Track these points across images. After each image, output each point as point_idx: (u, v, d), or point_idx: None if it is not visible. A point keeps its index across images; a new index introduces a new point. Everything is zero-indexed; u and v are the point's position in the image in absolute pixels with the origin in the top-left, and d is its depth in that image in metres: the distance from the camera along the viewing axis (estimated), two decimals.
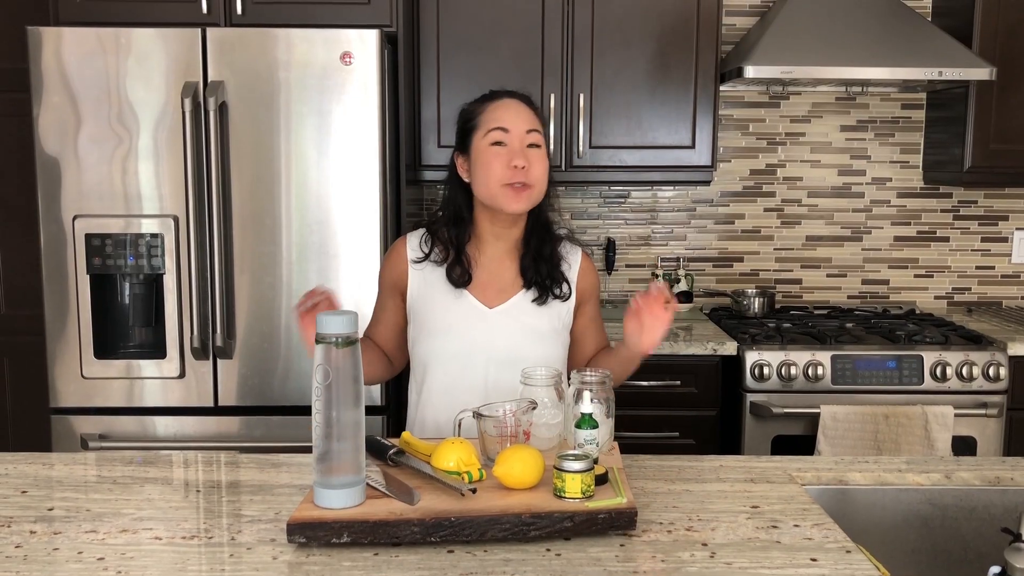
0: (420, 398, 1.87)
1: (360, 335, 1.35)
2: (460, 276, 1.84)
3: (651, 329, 1.69)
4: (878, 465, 1.67)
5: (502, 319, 1.83)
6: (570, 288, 1.88)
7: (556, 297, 1.86)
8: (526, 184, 1.76)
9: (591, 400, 1.52)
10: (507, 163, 1.75)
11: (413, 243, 1.89)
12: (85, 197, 2.52)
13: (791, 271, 3.48)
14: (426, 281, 1.86)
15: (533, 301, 1.85)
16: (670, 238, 3.45)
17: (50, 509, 1.43)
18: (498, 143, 1.78)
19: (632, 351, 1.75)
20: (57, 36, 2.48)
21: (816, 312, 3.30)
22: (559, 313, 1.87)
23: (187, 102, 2.45)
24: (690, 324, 3.12)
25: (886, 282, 3.49)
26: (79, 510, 1.42)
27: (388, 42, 2.61)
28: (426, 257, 1.86)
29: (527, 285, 1.85)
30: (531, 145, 1.78)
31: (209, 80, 2.49)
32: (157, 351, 2.57)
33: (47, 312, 2.56)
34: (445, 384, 1.83)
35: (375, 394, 2.57)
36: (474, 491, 1.34)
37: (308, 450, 1.38)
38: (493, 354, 1.80)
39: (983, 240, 3.47)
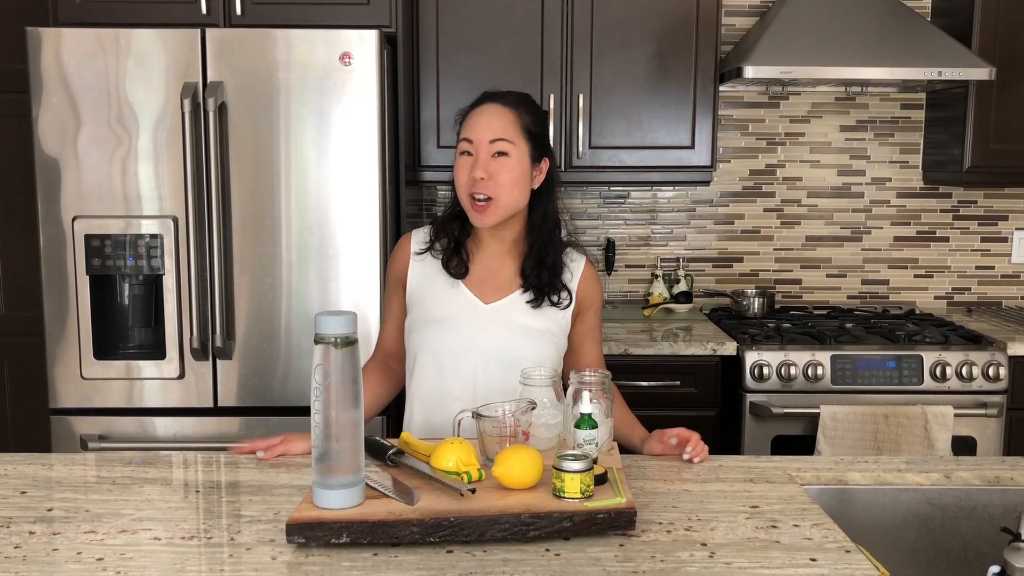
0: (410, 391, 1.88)
1: (358, 335, 1.34)
2: (457, 266, 1.85)
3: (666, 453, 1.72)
4: (878, 465, 1.67)
5: (496, 315, 1.84)
6: (570, 296, 1.88)
7: (553, 305, 1.86)
8: (489, 197, 1.77)
9: (590, 400, 1.52)
10: (470, 173, 1.78)
11: (418, 237, 1.92)
12: (85, 198, 2.52)
13: (791, 271, 3.48)
14: (425, 273, 1.88)
15: (528, 303, 1.85)
16: (670, 238, 3.45)
17: (49, 510, 1.43)
18: (465, 153, 1.80)
19: (640, 450, 1.78)
20: (56, 37, 2.48)
21: (816, 312, 3.30)
22: (556, 317, 1.87)
23: (186, 103, 2.45)
24: (690, 324, 3.12)
25: (886, 282, 3.49)
26: (78, 511, 1.42)
27: (387, 43, 2.61)
28: (429, 247, 1.88)
29: (525, 287, 1.86)
30: (498, 153, 1.78)
31: (208, 81, 2.49)
32: (157, 352, 2.57)
33: (47, 313, 2.56)
34: (436, 376, 1.83)
35: None
36: (473, 491, 1.34)
37: (307, 450, 1.38)
38: (486, 350, 1.80)
39: (983, 240, 3.47)
